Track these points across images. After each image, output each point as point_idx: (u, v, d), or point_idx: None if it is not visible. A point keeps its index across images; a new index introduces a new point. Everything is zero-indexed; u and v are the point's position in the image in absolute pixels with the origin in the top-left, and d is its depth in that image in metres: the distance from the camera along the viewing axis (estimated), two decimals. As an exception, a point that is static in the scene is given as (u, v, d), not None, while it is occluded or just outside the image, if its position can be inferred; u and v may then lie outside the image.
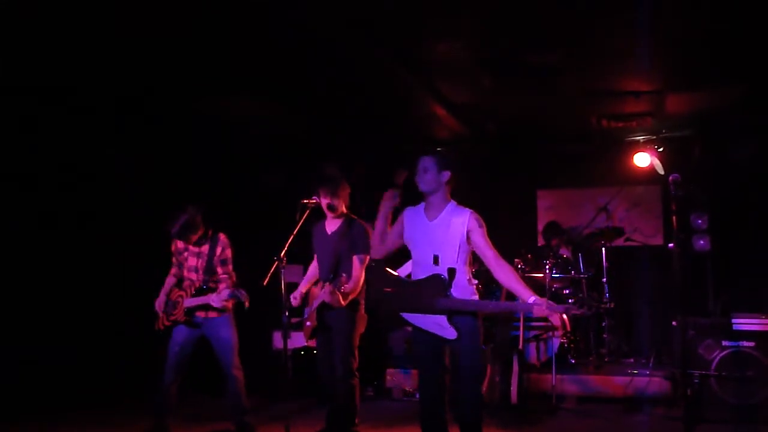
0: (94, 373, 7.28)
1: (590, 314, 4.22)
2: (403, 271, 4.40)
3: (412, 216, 4.29)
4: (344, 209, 5.39)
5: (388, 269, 4.40)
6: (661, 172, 7.59)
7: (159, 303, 5.60)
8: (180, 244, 5.61)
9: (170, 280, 5.72)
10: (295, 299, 5.47)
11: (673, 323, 6.57)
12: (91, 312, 7.40)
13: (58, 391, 7.02)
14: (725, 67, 6.21)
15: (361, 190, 5.78)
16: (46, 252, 7.23)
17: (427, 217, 4.23)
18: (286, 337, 5.11)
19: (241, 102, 6.93)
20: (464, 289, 4.14)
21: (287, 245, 4.95)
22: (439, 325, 4.05)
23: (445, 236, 4.12)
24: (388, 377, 7.44)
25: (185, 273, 5.61)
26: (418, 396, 4.40)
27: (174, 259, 5.71)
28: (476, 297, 4.23)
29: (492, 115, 7.76)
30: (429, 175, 4.18)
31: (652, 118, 7.56)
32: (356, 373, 5.31)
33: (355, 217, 5.42)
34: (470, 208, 4.23)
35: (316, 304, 5.39)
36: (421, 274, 4.18)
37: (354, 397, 5.31)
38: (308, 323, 5.50)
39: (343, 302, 5.05)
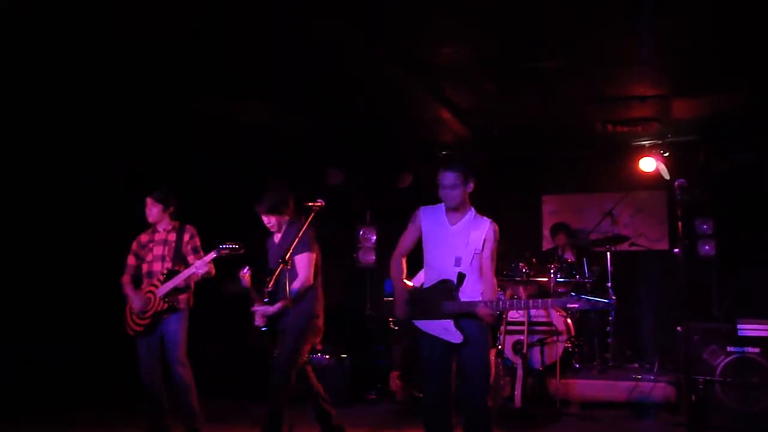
0: (94, 373, 7.26)
1: (586, 308, 4.15)
2: (416, 281, 4.40)
3: (431, 217, 4.28)
4: (287, 219, 5.27)
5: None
6: (667, 177, 7.55)
7: (137, 303, 5.40)
8: (144, 237, 5.60)
9: (126, 279, 5.55)
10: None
11: (678, 328, 6.52)
12: (91, 312, 7.37)
13: (58, 391, 7.00)
14: (730, 71, 6.16)
15: (364, 194, 5.73)
16: (46, 252, 7.21)
17: (449, 221, 4.22)
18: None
19: (241, 102, 6.90)
20: (472, 294, 4.14)
21: (292, 248, 4.86)
22: (445, 329, 4.06)
23: (465, 243, 4.14)
24: (392, 380, 7.39)
25: (148, 266, 5.50)
26: (422, 399, 4.36)
27: (132, 258, 5.59)
28: None
29: (496, 119, 7.71)
30: (456, 191, 4.15)
31: (658, 123, 7.51)
32: (292, 381, 5.02)
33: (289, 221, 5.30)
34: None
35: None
36: (435, 278, 4.19)
37: (284, 404, 4.95)
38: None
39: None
